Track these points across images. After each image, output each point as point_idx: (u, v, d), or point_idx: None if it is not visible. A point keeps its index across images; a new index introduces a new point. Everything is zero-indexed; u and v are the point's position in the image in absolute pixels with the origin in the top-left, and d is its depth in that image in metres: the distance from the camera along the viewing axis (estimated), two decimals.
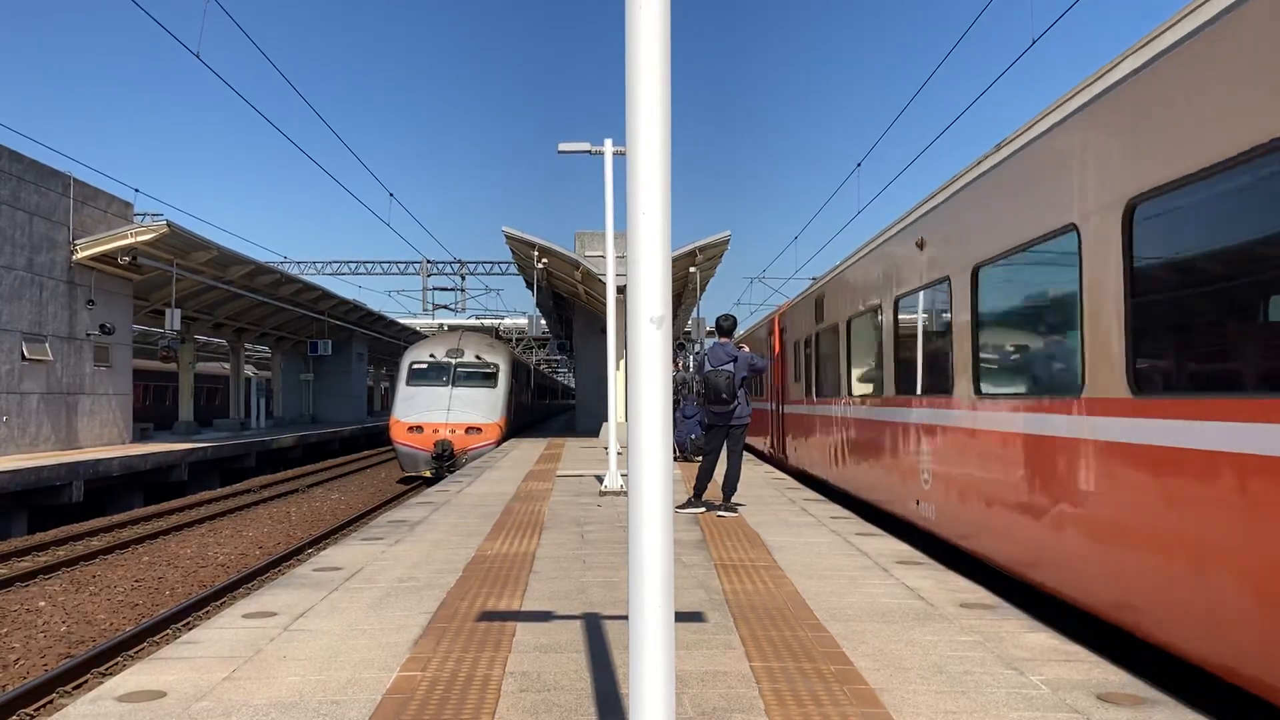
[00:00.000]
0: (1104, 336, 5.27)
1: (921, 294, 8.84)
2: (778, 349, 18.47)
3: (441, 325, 51.63)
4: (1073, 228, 5.64)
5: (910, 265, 9.19)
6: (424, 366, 26.44)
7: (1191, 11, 4.60)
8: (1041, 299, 6.27)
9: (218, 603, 11.02)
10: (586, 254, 26.62)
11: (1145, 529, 4.73)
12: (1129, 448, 4.92)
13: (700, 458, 11.02)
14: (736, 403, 10.04)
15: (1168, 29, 4.80)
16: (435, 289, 55.91)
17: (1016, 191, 6.54)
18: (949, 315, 7.95)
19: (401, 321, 49.44)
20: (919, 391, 8.87)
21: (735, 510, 10.14)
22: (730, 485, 10.25)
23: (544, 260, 22.35)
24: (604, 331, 24.62)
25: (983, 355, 7.29)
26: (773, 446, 19.35)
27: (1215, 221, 4.34)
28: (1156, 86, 4.80)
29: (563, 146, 14.23)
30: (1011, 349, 6.87)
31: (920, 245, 8.82)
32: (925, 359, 8.76)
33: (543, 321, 34.49)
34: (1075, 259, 5.60)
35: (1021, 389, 6.47)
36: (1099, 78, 5.53)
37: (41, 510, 17.84)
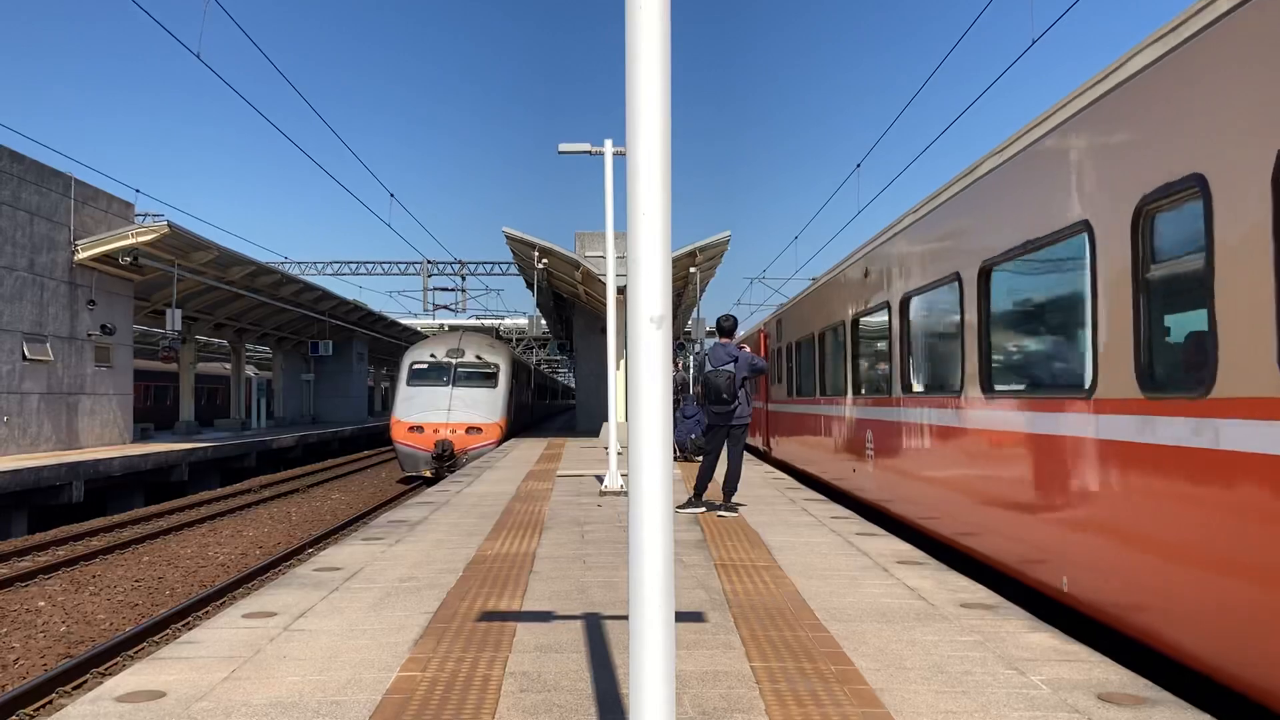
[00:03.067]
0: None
1: None
2: None
3: (442, 325, 51.62)
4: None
5: None
6: (424, 366, 26.44)
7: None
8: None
9: (218, 603, 11.02)
10: (586, 254, 26.62)
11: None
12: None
13: (700, 458, 11.02)
14: (737, 403, 10.04)
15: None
16: (436, 289, 55.87)
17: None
18: None
19: (402, 322, 49.45)
20: None
21: (735, 510, 10.14)
22: (730, 485, 10.25)
23: (544, 260, 22.35)
24: (604, 331, 24.62)
25: None
26: None
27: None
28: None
29: (563, 147, 14.23)
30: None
31: None
32: None
33: (543, 321, 34.51)
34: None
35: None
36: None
37: (42, 510, 17.85)
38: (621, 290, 14.09)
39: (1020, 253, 6.69)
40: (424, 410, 25.44)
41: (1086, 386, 5.70)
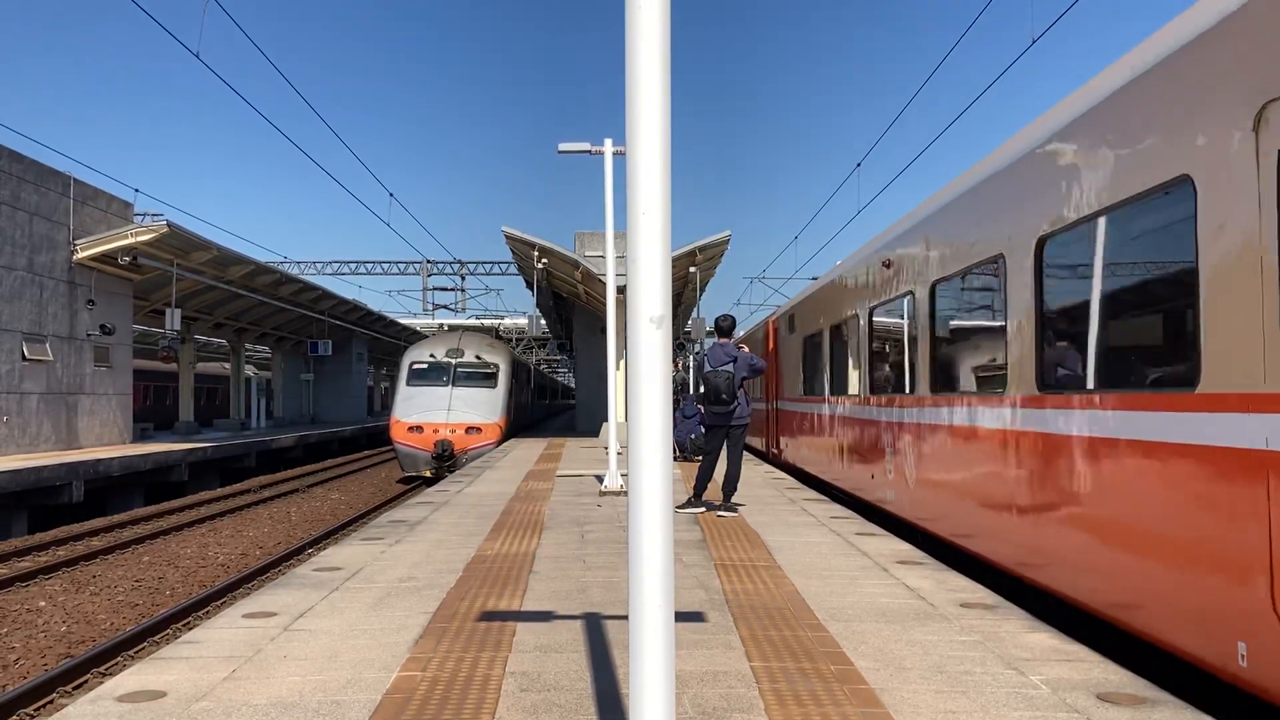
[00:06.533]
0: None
1: None
2: None
3: (441, 325, 51.61)
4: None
5: None
6: (424, 366, 26.45)
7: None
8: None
9: (218, 603, 11.02)
10: (586, 254, 26.62)
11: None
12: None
13: (700, 458, 11.03)
14: (736, 403, 10.05)
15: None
16: (435, 289, 55.90)
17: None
18: None
19: (401, 321, 49.43)
20: None
21: (735, 510, 10.14)
22: (730, 485, 10.25)
23: (544, 260, 22.35)
24: (604, 331, 24.61)
25: None
26: None
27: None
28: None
29: (563, 146, 14.23)
30: None
31: None
32: None
33: (543, 321, 34.49)
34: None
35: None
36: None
37: (42, 510, 17.84)
38: (621, 290, 14.08)
39: None
40: (424, 410, 25.44)
41: None
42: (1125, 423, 5.23)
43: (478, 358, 26.68)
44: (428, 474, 24.92)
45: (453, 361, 26.44)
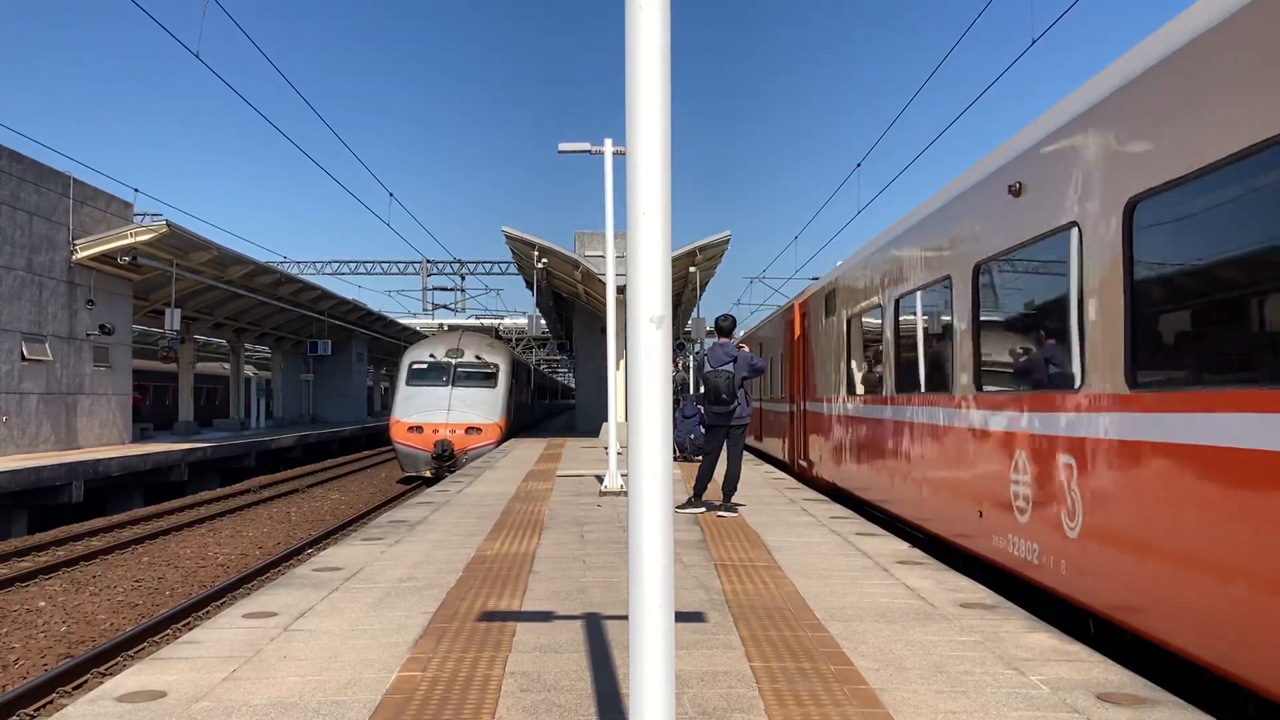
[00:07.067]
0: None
1: None
2: None
3: (441, 325, 51.59)
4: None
5: None
6: (424, 366, 26.45)
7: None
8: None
9: (218, 603, 11.02)
10: (586, 254, 26.61)
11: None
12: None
13: (700, 458, 11.03)
14: (736, 403, 10.05)
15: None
16: (435, 289, 55.92)
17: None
18: None
19: (401, 321, 49.43)
20: None
21: (735, 510, 10.14)
22: (730, 485, 10.25)
23: (544, 260, 22.35)
24: (604, 331, 24.60)
25: None
26: None
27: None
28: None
29: (563, 146, 14.22)
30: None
31: None
32: None
33: (543, 321, 34.50)
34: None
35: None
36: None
37: (41, 510, 17.84)
38: (621, 290, 14.08)
39: None
40: (423, 410, 25.44)
41: None
42: None
43: (478, 358, 26.69)
44: (428, 474, 24.92)
45: (452, 361, 26.44)
